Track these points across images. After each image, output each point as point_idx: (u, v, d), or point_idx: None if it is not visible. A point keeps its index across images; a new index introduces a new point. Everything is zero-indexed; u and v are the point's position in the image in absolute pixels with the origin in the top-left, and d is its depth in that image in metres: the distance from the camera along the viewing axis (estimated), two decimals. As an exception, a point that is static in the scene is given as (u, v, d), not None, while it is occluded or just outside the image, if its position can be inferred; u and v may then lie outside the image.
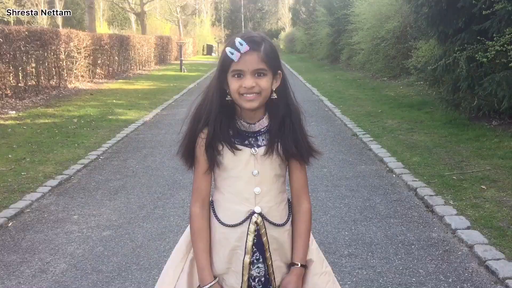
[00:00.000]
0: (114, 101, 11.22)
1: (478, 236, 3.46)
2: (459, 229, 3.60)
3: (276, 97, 1.56)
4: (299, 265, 1.61)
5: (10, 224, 3.96)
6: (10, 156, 5.98)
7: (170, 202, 4.44)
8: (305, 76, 17.88)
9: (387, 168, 5.32)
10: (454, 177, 4.77)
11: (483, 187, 4.46)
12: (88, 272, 3.14)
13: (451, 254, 3.28)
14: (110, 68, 16.69)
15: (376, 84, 13.55)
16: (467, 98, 7.20)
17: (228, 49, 1.48)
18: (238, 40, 1.47)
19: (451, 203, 4.12)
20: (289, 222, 1.64)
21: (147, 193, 4.72)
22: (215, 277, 1.59)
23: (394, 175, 5.07)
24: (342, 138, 7.07)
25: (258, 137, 1.58)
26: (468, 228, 3.61)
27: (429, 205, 4.13)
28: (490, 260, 3.11)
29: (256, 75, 1.50)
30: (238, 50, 1.47)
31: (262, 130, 1.58)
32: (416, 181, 4.73)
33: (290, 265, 1.63)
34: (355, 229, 3.73)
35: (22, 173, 5.26)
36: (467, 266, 3.12)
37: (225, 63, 1.51)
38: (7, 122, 8.12)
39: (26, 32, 10.58)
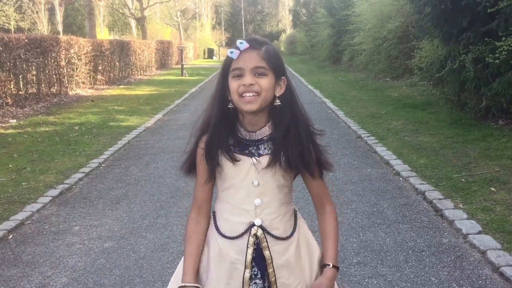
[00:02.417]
0: (116, 107, 11.16)
1: (491, 241, 3.36)
2: (471, 234, 3.49)
3: (279, 103, 1.48)
4: (331, 265, 1.52)
5: (10, 237, 3.87)
6: (10, 166, 5.91)
7: (173, 210, 4.35)
8: (307, 78, 17.80)
9: (394, 171, 5.22)
10: (463, 179, 4.67)
11: (493, 189, 4.36)
12: (89, 286, 3.05)
13: (463, 261, 3.18)
14: (111, 74, 16.64)
15: (379, 85, 13.45)
16: (472, 98, 7.10)
17: (228, 50, 1.45)
18: (239, 40, 1.44)
19: (461, 206, 4.02)
20: (295, 235, 1.55)
21: (150, 201, 4.63)
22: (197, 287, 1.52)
23: (401, 178, 4.98)
24: (346, 140, 6.98)
25: (260, 146, 1.51)
26: (479, 232, 3.51)
27: (438, 209, 4.03)
28: (504, 266, 3.01)
29: (256, 74, 1.43)
30: (237, 48, 1.43)
31: (264, 138, 1.51)
32: (424, 184, 4.63)
33: (322, 266, 1.55)
34: (363, 236, 3.64)
35: (23, 183, 5.18)
36: (480, 273, 3.02)
37: (225, 65, 1.48)
38: (7, 131, 8.06)
39: (26, 40, 10.54)
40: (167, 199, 4.68)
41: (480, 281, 2.93)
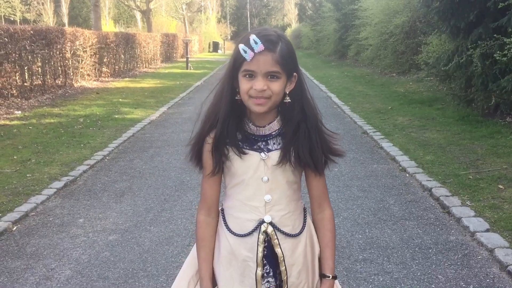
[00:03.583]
0: (120, 99, 11.13)
1: (499, 239, 3.32)
2: (478, 231, 3.45)
3: (289, 100, 1.44)
4: (330, 277, 1.51)
5: (14, 229, 3.86)
6: (15, 157, 5.90)
7: (177, 204, 4.33)
8: (313, 72, 17.72)
9: (400, 167, 5.18)
10: (470, 177, 4.62)
11: (501, 186, 4.31)
12: (93, 279, 3.04)
13: (470, 259, 3.15)
14: (116, 67, 16.61)
15: (385, 80, 13.36)
16: (480, 94, 7.02)
17: (241, 46, 1.36)
18: (253, 37, 1.34)
19: (468, 204, 3.98)
20: (304, 232, 1.52)
21: (154, 195, 4.61)
22: None
23: (407, 175, 4.93)
24: (352, 136, 6.92)
25: (269, 141, 1.47)
26: (487, 230, 3.47)
27: (445, 206, 3.99)
28: (512, 265, 2.97)
29: (268, 77, 1.38)
30: (252, 49, 1.34)
31: (273, 133, 1.47)
32: (430, 180, 4.58)
33: (321, 276, 1.53)
34: (369, 232, 3.60)
35: (27, 175, 5.17)
36: (488, 272, 2.98)
37: (237, 61, 1.40)
38: (12, 123, 8.06)
39: (32, 31, 10.51)
40: (171, 192, 4.65)
41: (488, 280, 2.89)
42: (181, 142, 6.71)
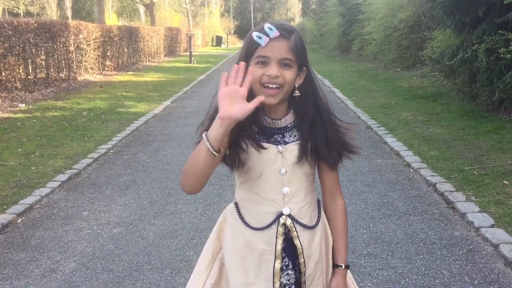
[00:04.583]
0: (124, 93, 11.13)
1: (503, 235, 3.31)
2: (483, 227, 3.44)
3: (299, 94, 1.44)
4: (343, 266, 1.53)
5: (19, 221, 3.88)
6: (19, 150, 5.91)
7: (181, 198, 4.33)
8: (316, 67, 17.66)
9: (404, 162, 5.16)
10: (475, 172, 4.61)
11: (506, 182, 4.30)
12: (98, 272, 3.05)
13: (475, 254, 3.14)
14: (120, 60, 16.60)
15: (389, 75, 13.31)
16: (485, 90, 6.99)
17: (255, 34, 1.36)
18: (267, 25, 1.36)
19: (473, 199, 3.97)
20: (319, 225, 1.52)
21: (158, 188, 4.61)
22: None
23: (411, 170, 4.92)
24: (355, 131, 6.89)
25: (285, 134, 1.46)
26: (492, 226, 3.46)
27: (449, 202, 3.98)
28: (517, 260, 2.97)
29: (281, 65, 1.38)
30: (267, 34, 1.35)
31: (289, 126, 1.46)
32: (435, 176, 4.57)
33: (333, 266, 1.54)
34: (374, 227, 3.60)
35: (32, 168, 5.18)
36: (493, 267, 2.98)
37: (250, 48, 1.39)
38: (16, 115, 8.07)
39: (35, 24, 10.50)
40: (175, 186, 4.65)
41: (492, 275, 2.88)
42: (184, 136, 6.72)
